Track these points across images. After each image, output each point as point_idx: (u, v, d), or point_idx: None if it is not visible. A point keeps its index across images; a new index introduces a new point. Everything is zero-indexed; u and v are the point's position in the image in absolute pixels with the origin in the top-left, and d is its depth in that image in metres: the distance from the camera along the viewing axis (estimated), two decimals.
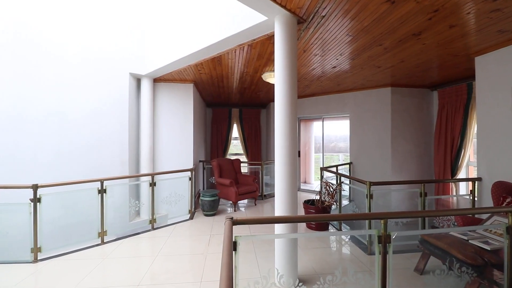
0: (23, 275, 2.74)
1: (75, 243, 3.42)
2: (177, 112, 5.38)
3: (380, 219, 1.80)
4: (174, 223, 4.34)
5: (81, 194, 3.52)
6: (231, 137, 8.68)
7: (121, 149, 4.50)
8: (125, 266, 2.95)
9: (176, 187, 4.52)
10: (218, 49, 3.64)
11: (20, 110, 3.57)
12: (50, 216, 3.21)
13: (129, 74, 4.71)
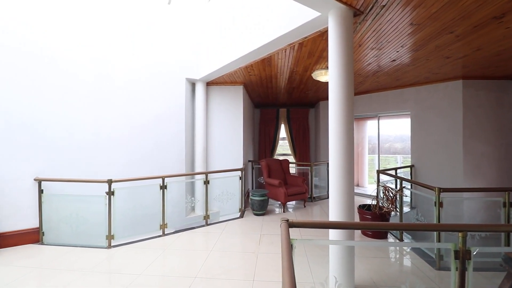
0: (100, 258, 3.14)
1: (140, 233, 3.80)
2: (228, 114, 5.58)
3: (457, 232, 1.57)
4: (225, 220, 4.50)
5: (146, 190, 3.89)
6: (279, 137, 8.66)
7: (179, 149, 4.86)
8: (182, 258, 3.16)
9: (228, 186, 4.68)
10: (268, 50, 3.65)
11: (98, 115, 4.12)
12: (121, 208, 3.63)
13: (185, 79, 5.06)
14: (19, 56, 3.54)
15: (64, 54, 3.88)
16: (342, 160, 2.34)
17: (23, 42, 3.57)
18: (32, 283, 2.62)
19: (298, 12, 2.84)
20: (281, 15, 3.09)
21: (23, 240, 3.53)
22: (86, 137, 4.03)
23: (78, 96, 3.98)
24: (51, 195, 3.65)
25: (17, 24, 3.54)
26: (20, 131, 3.57)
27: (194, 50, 5.07)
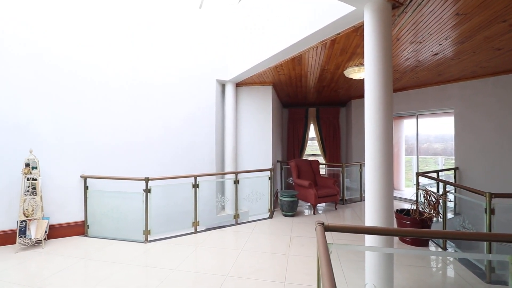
0: (138, 252, 3.32)
1: (174, 229, 3.95)
2: (257, 114, 5.60)
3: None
4: (255, 220, 4.51)
5: (179, 188, 4.05)
6: (308, 137, 8.50)
7: (210, 149, 4.98)
8: (214, 256, 3.22)
9: (257, 186, 4.69)
10: (298, 48, 3.59)
11: (136, 119, 4.38)
12: (156, 204, 3.81)
13: (216, 81, 5.17)
14: (71, 77, 3.91)
15: (108, 69, 4.20)
16: (380, 161, 2.21)
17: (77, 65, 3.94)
18: (79, 272, 2.85)
19: (330, 8, 2.75)
20: (312, 11, 3.02)
21: (71, 232, 3.86)
22: (125, 139, 4.29)
23: (118, 102, 4.27)
24: (94, 191, 3.95)
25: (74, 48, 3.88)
26: (68, 134, 3.91)
27: (224, 52, 5.17)
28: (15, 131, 3.61)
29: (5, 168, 3.54)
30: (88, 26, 4.03)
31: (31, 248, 3.43)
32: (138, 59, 4.44)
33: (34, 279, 2.71)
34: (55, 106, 3.82)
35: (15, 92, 3.59)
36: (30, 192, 3.44)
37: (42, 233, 3.45)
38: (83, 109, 4.01)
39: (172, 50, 4.74)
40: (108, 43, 4.18)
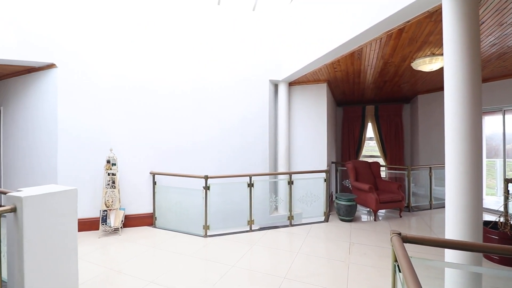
0: (198, 246, 3.52)
1: (230, 226, 4.08)
2: (310, 113, 5.44)
3: None
4: (309, 223, 4.37)
5: (235, 187, 4.17)
6: (365, 137, 7.92)
7: (263, 149, 5.01)
8: (269, 256, 3.22)
9: (311, 187, 4.54)
10: (360, 41, 3.34)
11: (195, 121, 4.68)
12: (214, 201, 3.99)
13: (269, 81, 5.18)
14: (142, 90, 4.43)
15: (171, 80, 4.60)
16: (466, 165, 1.89)
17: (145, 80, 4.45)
18: (149, 260, 3.14)
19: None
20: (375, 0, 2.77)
21: (142, 222, 4.31)
22: (187, 140, 4.62)
23: (180, 108, 4.63)
24: (161, 187, 4.34)
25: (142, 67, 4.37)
26: (140, 137, 4.41)
27: (277, 52, 5.15)
28: (99, 133, 4.22)
29: (90, 164, 4.15)
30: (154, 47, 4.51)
31: (110, 234, 3.93)
32: (197, 66, 4.73)
33: (112, 263, 3.08)
34: (129, 113, 4.37)
35: (100, 103, 4.25)
36: (110, 186, 3.95)
37: (119, 222, 3.93)
38: (151, 115, 4.47)
39: (228, 54, 4.92)
40: (171, 58, 4.58)
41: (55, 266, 2.17)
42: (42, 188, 2.29)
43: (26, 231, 1.99)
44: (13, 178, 4.73)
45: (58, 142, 4.08)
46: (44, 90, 4.31)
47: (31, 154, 4.41)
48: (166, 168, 4.45)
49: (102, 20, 4.28)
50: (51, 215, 2.16)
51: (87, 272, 2.75)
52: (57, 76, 4.16)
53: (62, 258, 2.22)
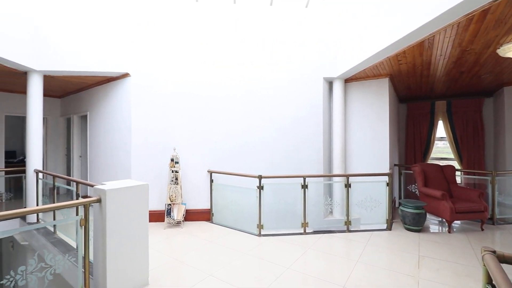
0: (253, 244, 3.57)
1: (283, 227, 4.05)
2: (369, 111, 5.05)
3: None
4: (369, 230, 4.05)
5: (288, 187, 4.12)
6: (435, 137, 7.00)
7: (317, 149, 4.84)
8: (326, 262, 3.07)
9: (371, 192, 4.20)
10: (432, 28, 2.94)
11: (248, 122, 4.79)
12: (268, 201, 4.01)
13: (323, 78, 4.98)
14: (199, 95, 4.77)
15: (225, 83, 4.82)
16: None
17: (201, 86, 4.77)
18: (207, 254, 3.31)
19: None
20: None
21: (200, 217, 4.59)
22: (241, 140, 4.76)
23: (233, 109, 4.81)
24: (218, 185, 4.56)
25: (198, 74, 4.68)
26: (198, 137, 4.73)
27: (331, 48, 4.92)
28: (164, 134, 4.68)
29: (157, 162, 4.61)
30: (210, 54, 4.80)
31: (174, 227, 4.28)
32: (249, 68, 4.83)
33: (176, 253, 3.34)
34: (189, 116, 4.75)
35: (164, 108, 4.73)
36: (174, 182, 4.31)
37: (182, 215, 4.26)
38: (208, 117, 4.76)
39: (279, 54, 4.89)
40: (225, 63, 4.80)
41: (131, 251, 2.45)
42: (120, 182, 2.61)
43: (108, 219, 2.29)
44: (96, 173, 5.55)
45: (132, 142, 4.64)
46: (120, 97, 4.95)
47: (111, 152, 5.11)
48: (221, 167, 4.65)
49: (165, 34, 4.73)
50: (128, 206, 2.44)
51: (155, 259, 3.04)
52: (130, 84, 4.73)
53: (136, 244, 2.49)
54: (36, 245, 3.89)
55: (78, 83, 5.55)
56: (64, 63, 4.48)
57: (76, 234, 2.34)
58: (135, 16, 4.70)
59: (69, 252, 3.14)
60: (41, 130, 4.71)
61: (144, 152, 4.66)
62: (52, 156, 7.15)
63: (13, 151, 7.68)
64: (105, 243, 2.26)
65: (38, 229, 3.93)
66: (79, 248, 2.29)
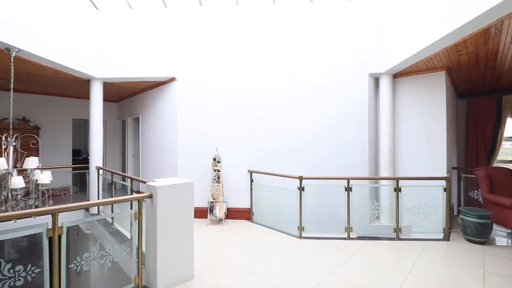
0: (293, 246, 3.51)
1: (325, 231, 3.91)
2: (422, 108, 4.60)
3: None
4: (423, 239, 3.69)
5: (330, 189, 3.96)
6: (502, 136, 6.10)
7: (361, 149, 4.58)
8: (373, 271, 2.88)
9: (425, 197, 3.82)
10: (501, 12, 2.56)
11: (288, 121, 4.74)
12: (309, 203, 3.91)
13: (368, 74, 4.69)
14: (238, 96, 4.88)
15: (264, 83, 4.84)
16: None
17: (240, 87, 4.83)
18: (248, 252, 3.35)
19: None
20: None
21: (241, 216, 4.68)
22: (279, 140, 4.74)
23: (273, 109, 4.81)
24: (258, 184, 4.59)
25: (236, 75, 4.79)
26: (238, 137, 4.83)
27: (377, 42, 4.59)
28: (206, 135, 4.89)
29: (201, 161, 4.83)
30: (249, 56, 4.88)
31: (216, 224, 4.43)
32: (289, 66, 4.77)
33: (218, 249, 3.45)
34: (230, 117, 4.89)
35: (207, 110, 4.94)
36: (216, 180, 4.46)
37: (223, 213, 4.38)
38: (248, 118, 4.84)
39: (320, 51, 4.74)
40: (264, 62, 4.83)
41: (178, 244, 2.58)
42: (169, 179, 2.77)
43: (159, 213, 2.46)
44: (146, 170, 6.02)
45: (178, 142, 4.93)
46: (167, 100, 5.30)
47: (159, 152, 5.51)
48: (261, 166, 4.68)
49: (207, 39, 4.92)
50: (176, 202, 2.58)
51: (199, 254, 3.17)
52: (176, 87, 5.04)
53: (183, 238, 2.63)
54: (97, 234, 4.36)
55: (132, 88, 6.08)
56: (120, 71, 4.99)
57: (130, 226, 2.56)
58: (180, 24, 4.99)
59: (124, 243, 3.45)
60: (101, 131, 5.28)
61: (189, 152, 4.92)
62: (110, 154, 7.96)
63: (78, 149, 8.73)
64: (155, 236, 2.43)
65: (99, 220, 4.40)
66: (133, 239, 2.50)
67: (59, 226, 1.98)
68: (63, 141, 7.12)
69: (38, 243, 1.94)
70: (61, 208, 2.03)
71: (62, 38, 4.22)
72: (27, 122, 6.37)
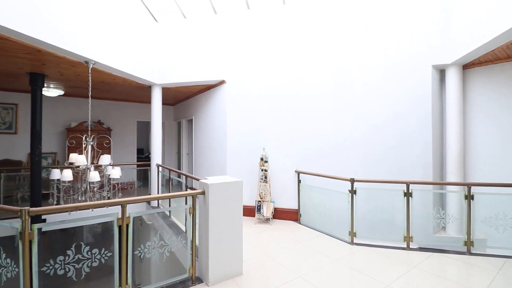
0: (344, 252, 3.33)
1: (379, 238, 3.62)
2: (499, 104, 3.93)
3: None
4: (502, 256, 3.14)
5: (386, 194, 3.65)
6: None
7: (423, 151, 4.11)
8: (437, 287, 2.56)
9: (505, 207, 3.24)
10: None
11: (338, 119, 4.52)
12: (361, 207, 3.67)
13: (431, 66, 4.18)
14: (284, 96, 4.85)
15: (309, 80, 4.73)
16: None
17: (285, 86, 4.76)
18: (296, 254, 3.30)
19: None
20: None
21: (287, 216, 4.64)
22: (329, 139, 4.55)
23: (321, 107, 4.66)
24: (305, 185, 4.50)
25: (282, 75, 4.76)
26: (285, 137, 4.82)
27: (442, 28, 4.05)
28: (254, 135, 4.99)
29: (249, 161, 4.95)
30: (296, 54, 4.74)
31: (263, 223, 4.48)
32: (338, 60, 4.55)
33: (265, 248, 3.47)
34: (277, 117, 4.92)
35: (254, 111, 5.06)
36: (263, 180, 4.51)
37: (270, 213, 4.41)
38: (294, 117, 4.80)
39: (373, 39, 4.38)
40: (311, 59, 4.67)
41: (228, 240, 2.68)
42: (219, 178, 2.90)
43: (210, 209, 2.58)
44: (199, 168, 6.41)
45: (227, 142, 5.14)
46: (217, 102, 5.56)
47: (210, 151, 5.81)
48: (308, 167, 4.57)
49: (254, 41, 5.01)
50: (226, 200, 2.68)
51: (247, 252, 3.24)
52: (225, 90, 5.25)
53: (233, 235, 2.71)
54: (157, 225, 4.80)
55: (186, 92, 6.54)
56: (176, 76, 5.44)
57: (185, 220, 2.75)
58: (228, 29, 5.20)
59: (180, 235, 3.72)
60: (161, 132, 5.80)
61: (237, 152, 5.08)
62: (167, 153, 8.71)
63: (141, 148, 9.75)
64: (207, 231, 2.56)
65: (158, 212, 4.83)
66: (188, 232, 2.67)
67: (127, 216, 2.23)
68: (129, 141, 8.04)
69: (110, 230, 2.22)
70: (128, 200, 2.30)
71: (127, 50, 4.77)
72: (101, 125, 7.36)
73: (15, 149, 6.37)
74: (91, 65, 4.10)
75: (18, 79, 5.11)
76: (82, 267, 2.04)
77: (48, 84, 5.55)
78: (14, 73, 4.67)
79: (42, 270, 1.92)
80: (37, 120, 4.43)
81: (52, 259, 1.96)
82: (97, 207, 2.25)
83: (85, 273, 2.05)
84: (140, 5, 5.15)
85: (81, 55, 3.78)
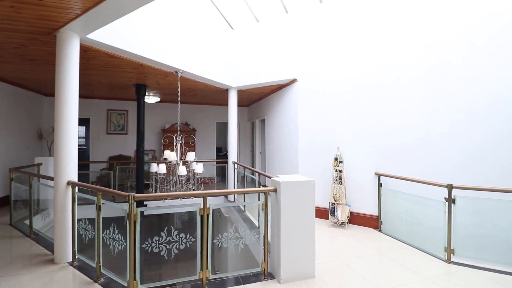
0: (437, 271, 2.82)
1: (489, 260, 2.91)
2: None
3: None
4: None
5: (500, 205, 2.90)
6: None
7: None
8: None
9: None
10: None
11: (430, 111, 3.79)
12: (463, 220, 3.03)
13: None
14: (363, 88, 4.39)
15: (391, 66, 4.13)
16: None
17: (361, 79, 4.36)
18: (376, 265, 2.99)
19: None
20: None
21: (365, 223, 4.24)
22: (416, 136, 3.90)
23: (409, 96, 3.99)
24: (387, 190, 4.00)
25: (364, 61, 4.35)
26: (363, 135, 4.40)
27: None
28: (327, 133, 4.76)
29: (321, 160, 4.75)
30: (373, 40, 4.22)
31: (337, 227, 4.23)
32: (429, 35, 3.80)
33: (339, 253, 3.26)
34: (352, 112, 4.53)
35: (327, 108, 4.82)
36: (337, 181, 4.25)
37: (346, 217, 4.12)
38: (373, 110, 4.31)
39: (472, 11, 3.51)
40: (393, 42, 4.08)
41: (300, 240, 2.63)
42: (291, 176, 2.88)
43: (282, 207, 2.59)
44: (270, 166, 6.54)
45: (299, 141, 5.07)
46: (289, 101, 5.54)
47: (281, 150, 5.85)
48: (389, 168, 4.05)
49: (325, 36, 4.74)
50: (298, 199, 2.64)
51: (320, 255, 3.11)
52: (297, 88, 5.19)
53: (305, 235, 2.66)
54: (233, 218, 5.13)
55: (259, 93, 6.78)
56: (249, 79, 5.70)
57: (258, 216, 2.84)
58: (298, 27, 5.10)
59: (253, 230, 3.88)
60: (236, 132, 6.18)
61: (309, 150, 4.95)
62: (242, 152, 9.23)
63: (220, 147, 10.63)
64: (279, 228, 2.58)
65: (234, 206, 5.16)
66: (260, 228, 2.75)
67: (207, 207, 2.46)
68: (210, 140, 8.89)
69: (194, 218, 2.49)
70: (210, 192, 2.54)
71: (208, 58, 5.26)
72: (188, 126, 8.37)
73: (126, 147, 7.93)
74: (180, 74, 4.70)
75: (127, 90, 6.31)
76: (171, 248, 2.36)
77: (149, 92, 6.67)
78: (125, 85, 5.79)
79: (142, 246, 2.32)
80: (141, 122, 5.40)
81: (150, 238, 2.34)
82: (185, 197, 2.56)
83: (174, 254, 2.37)
84: (218, 15, 5.62)
85: (173, 65, 4.39)
